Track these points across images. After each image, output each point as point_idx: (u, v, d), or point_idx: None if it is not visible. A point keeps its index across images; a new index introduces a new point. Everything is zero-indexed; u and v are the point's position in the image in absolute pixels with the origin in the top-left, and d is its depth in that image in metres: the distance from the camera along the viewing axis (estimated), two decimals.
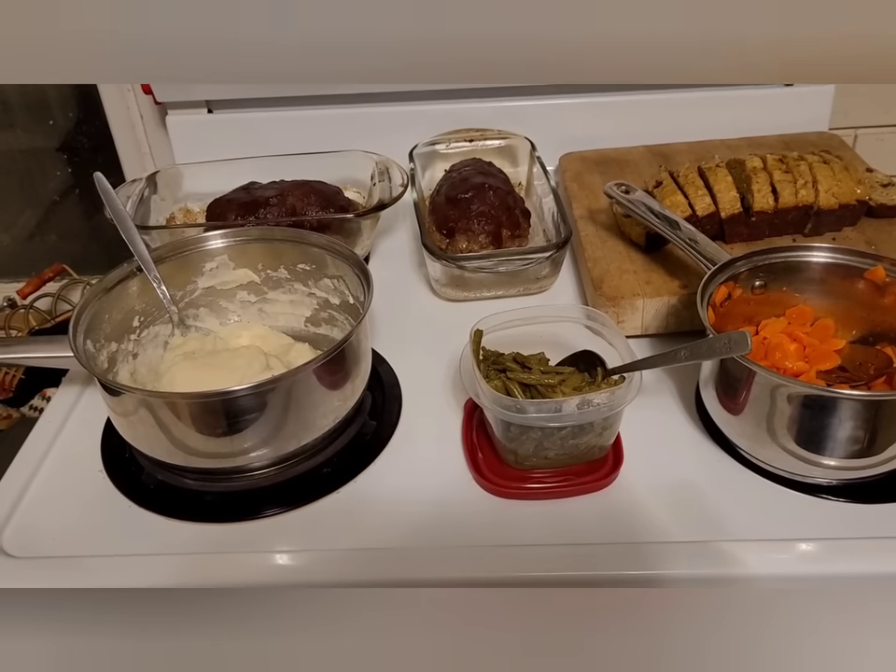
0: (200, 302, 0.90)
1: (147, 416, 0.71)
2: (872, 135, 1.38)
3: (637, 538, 0.71)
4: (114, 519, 0.75)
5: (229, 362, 0.81)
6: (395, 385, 0.87)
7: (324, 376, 0.74)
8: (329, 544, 0.72)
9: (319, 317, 0.91)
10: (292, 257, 0.89)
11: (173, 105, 1.26)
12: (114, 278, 0.82)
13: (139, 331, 0.85)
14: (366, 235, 1.04)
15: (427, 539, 0.72)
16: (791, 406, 0.69)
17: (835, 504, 0.72)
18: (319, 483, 0.77)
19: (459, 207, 1.01)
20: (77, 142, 1.66)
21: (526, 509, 0.74)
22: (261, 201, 1.03)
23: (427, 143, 1.15)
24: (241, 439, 0.72)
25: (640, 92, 1.24)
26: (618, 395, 0.71)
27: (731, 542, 0.70)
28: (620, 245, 0.99)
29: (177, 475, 0.77)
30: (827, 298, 0.82)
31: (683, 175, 1.00)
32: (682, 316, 0.90)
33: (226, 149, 1.15)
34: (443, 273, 0.98)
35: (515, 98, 1.24)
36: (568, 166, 1.18)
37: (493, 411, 0.71)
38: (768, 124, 1.21)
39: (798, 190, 0.96)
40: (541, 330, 0.81)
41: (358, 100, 1.25)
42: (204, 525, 0.74)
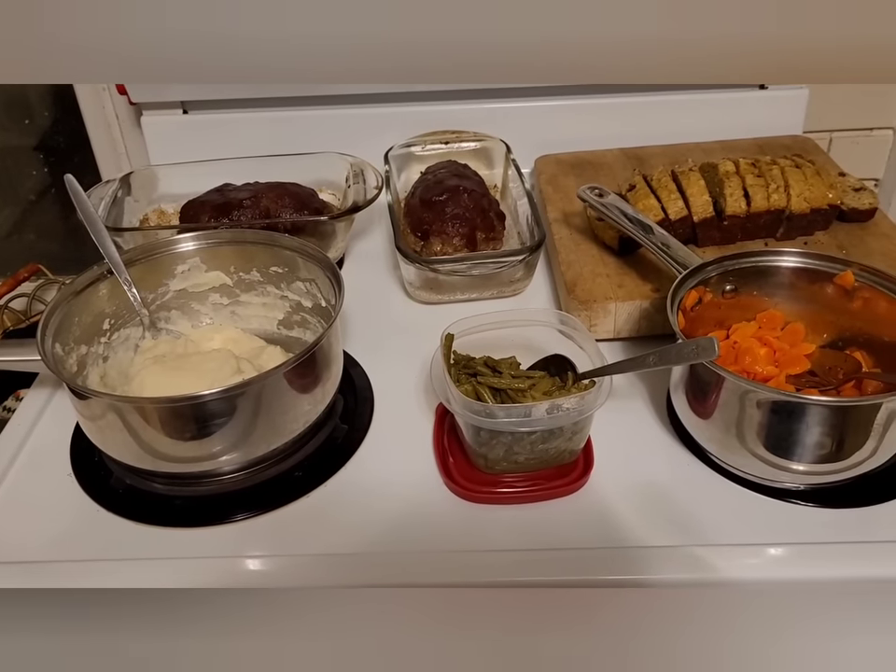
0: (171, 305, 0.90)
1: (115, 420, 0.70)
2: (846, 139, 1.39)
3: (606, 542, 0.71)
4: (82, 523, 0.74)
5: (199, 365, 0.81)
6: (367, 389, 0.87)
7: (294, 380, 0.74)
8: (299, 549, 0.71)
9: (292, 320, 0.90)
10: (264, 259, 0.88)
11: (148, 105, 1.25)
12: (84, 281, 0.82)
13: (109, 334, 0.85)
14: (340, 237, 1.04)
15: (397, 543, 0.72)
16: (759, 411, 0.70)
17: (804, 508, 0.73)
18: (289, 488, 0.76)
19: (434, 210, 1.01)
20: (54, 141, 1.64)
21: (497, 513, 0.74)
22: (235, 202, 1.02)
23: (403, 145, 1.15)
24: (210, 443, 0.71)
25: (616, 95, 1.24)
26: (587, 399, 0.71)
27: (701, 547, 0.70)
28: (593, 249, 0.99)
29: (146, 479, 0.77)
30: (797, 302, 0.82)
31: (657, 178, 1.00)
32: (655, 320, 0.90)
33: (201, 150, 1.14)
34: (417, 276, 0.97)
35: (491, 100, 1.24)
36: (544, 169, 1.18)
37: (463, 415, 0.71)
38: (743, 127, 1.22)
39: (770, 195, 0.96)
40: (513, 334, 0.81)
41: (334, 101, 1.24)
42: (173, 529, 0.73)
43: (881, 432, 0.69)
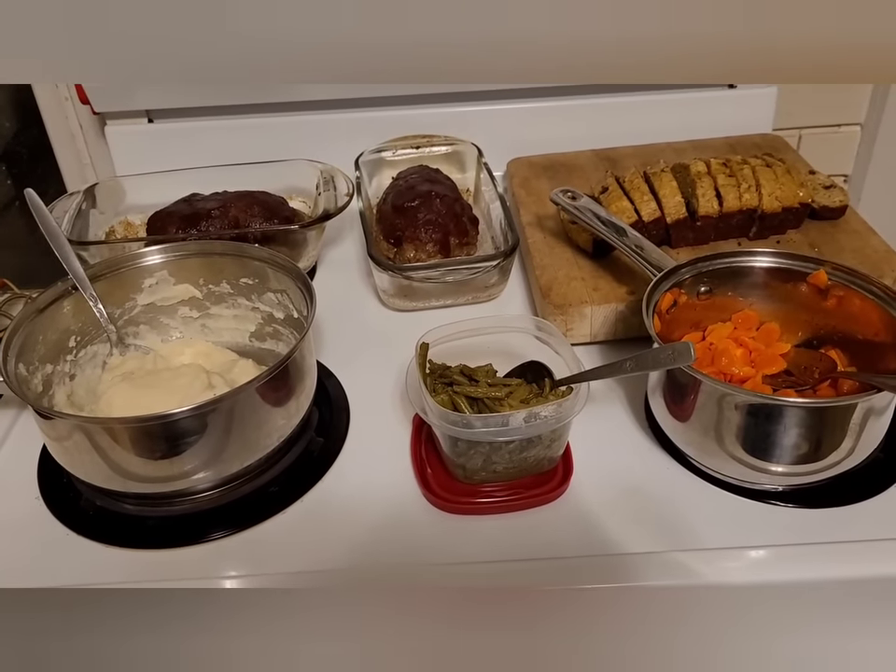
0: (140, 320, 0.88)
1: (82, 441, 0.68)
2: (816, 136, 1.40)
3: (588, 550, 0.70)
4: (51, 548, 0.72)
5: (169, 382, 0.79)
6: (342, 400, 0.86)
7: (267, 394, 0.72)
8: (276, 567, 0.70)
9: (264, 332, 0.89)
10: (234, 271, 0.87)
11: (111, 115, 1.23)
12: (47, 298, 0.80)
13: (76, 352, 0.83)
14: (312, 246, 1.03)
15: (376, 556, 0.70)
16: (737, 414, 0.69)
17: (783, 510, 0.73)
18: (265, 504, 0.75)
19: (406, 216, 1.00)
20: (17, 152, 1.61)
21: (477, 524, 0.73)
22: (203, 213, 1.00)
23: (374, 150, 1.14)
24: (182, 461, 0.70)
25: (587, 97, 1.24)
26: (565, 407, 0.70)
27: (682, 552, 0.69)
28: (568, 252, 0.99)
29: (117, 500, 0.75)
30: (772, 302, 0.82)
31: (629, 180, 1.00)
32: (631, 323, 0.90)
33: (168, 160, 1.12)
34: (391, 284, 0.96)
35: (461, 104, 1.23)
36: (516, 172, 1.17)
37: (440, 426, 0.70)
38: (713, 126, 1.22)
39: (742, 194, 0.96)
40: (489, 341, 0.80)
41: (303, 107, 1.22)
42: (146, 551, 0.72)
43: (858, 431, 0.70)
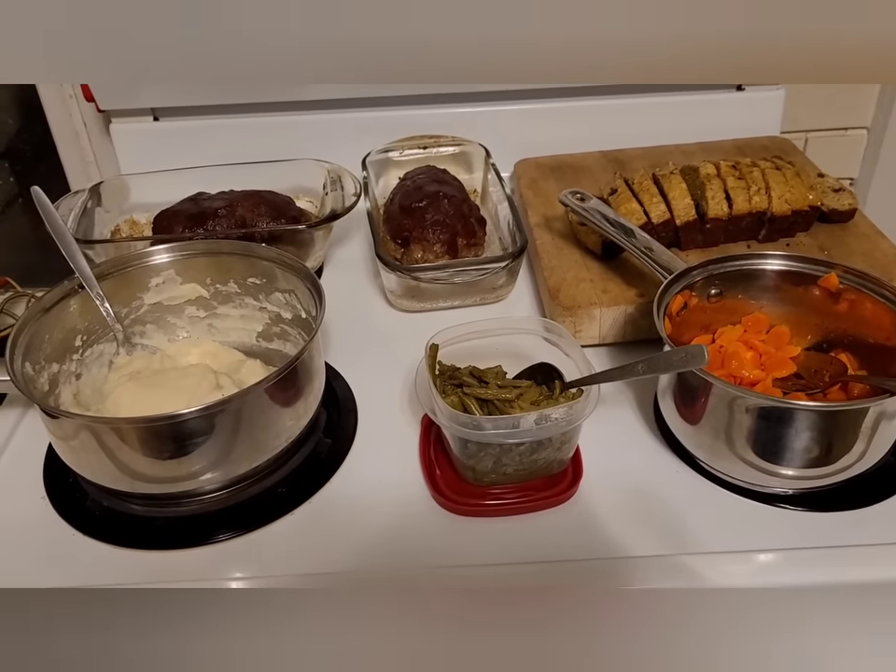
0: (146, 319, 0.87)
1: (89, 441, 0.68)
2: (822, 139, 1.39)
3: (597, 552, 0.69)
4: (57, 548, 0.72)
5: (176, 382, 0.78)
6: (350, 401, 0.85)
7: (276, 395, 0.72)
8: (284, 568, 0.70)
9: (271, 332, 0.88)
10: (241, 270, 0.86)
11: (116, 112, 1.22)
12: (53, 297, 0.79)
13: (82, 351, 0.82)
14: (319, 246, 1.02)
15: (384, 559, 0.70)
16: (748, 417, 0.69)
17: (794, 513, 0.72)
18: (273, 505, 0.74)
19: (414, 216, 1.00)
20: (20, 150, 1.61)
21: (486, 526, 0.72)
22: (210, 212, 1.00)
23: (381, 150, 1.14)
24: (189, 462, 0.69)
25: (595, 98, 1.23)
26: (576, 409, 0.70)
27: (692, 555, 0.69)
28: (576, 253, 0.98)
29: (124, 501, 0.74)
30: (782, 305, 0.82)
31: (638, 182, 1.00)
32: (640, 325, 0.89)
33: (173, 158, 1.12)
34: (399, 284, 0.96)
35: (469, 104, 1.23)
36: (524, 173, 1.17)
37: (450, 428, 0.70)
38: (721, 128, 1.22)
39: (751, 197, 0.96)
40: (498, 342, 0.80)
41: (310, 107, 1.22)
42: (153, 552, 0.71)
43: (869, 435, 0.69)
